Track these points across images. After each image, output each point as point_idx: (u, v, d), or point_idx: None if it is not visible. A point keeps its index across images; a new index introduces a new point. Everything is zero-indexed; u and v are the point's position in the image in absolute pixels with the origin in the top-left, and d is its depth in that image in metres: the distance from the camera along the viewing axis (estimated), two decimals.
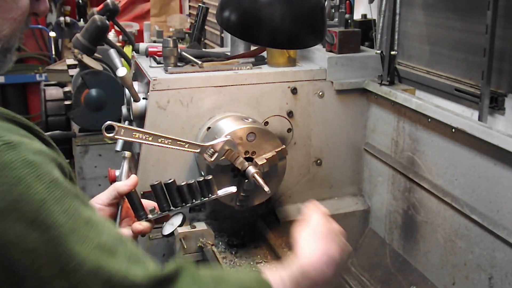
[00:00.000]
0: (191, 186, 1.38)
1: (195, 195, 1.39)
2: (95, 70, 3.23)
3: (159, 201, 1.37)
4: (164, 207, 1.37)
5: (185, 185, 1.38)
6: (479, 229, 1.66)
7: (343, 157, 2.24)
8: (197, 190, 1.39)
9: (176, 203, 1.37)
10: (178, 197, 1.37)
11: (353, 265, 2.27)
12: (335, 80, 2.14)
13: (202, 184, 1.40)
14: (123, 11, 5.66)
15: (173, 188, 1.37)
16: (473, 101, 2.00)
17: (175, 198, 1.37)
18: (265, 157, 1.85)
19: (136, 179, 1.35)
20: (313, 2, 1.83)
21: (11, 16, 0.91)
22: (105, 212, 1.33)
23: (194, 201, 1.39)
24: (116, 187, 1.33)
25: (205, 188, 1.40)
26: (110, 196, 1.33)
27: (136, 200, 1.35)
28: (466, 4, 2.06)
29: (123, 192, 1.33)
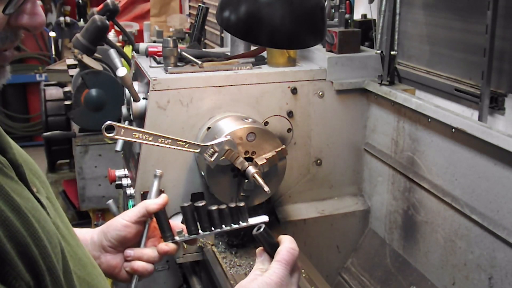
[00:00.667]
0: (222, 212, 1.33)
1: (226, 221, 1.33)
2: (95, 70, 3.23)
3: (188, 223, 1.33)
4: (192, 230, 1.32)
5: (216, 210, 1.32)
6: (479, 229, 1.66)
7: (343, 157, 2.25)
8: (227, 216, 1.33)
9: (205, 228, 1.32)
10: (208, 222, 1.32)
11: (353, 265, 2.27)
12: (335, 80, 2.14)
13: (233, 211, 1.34)
14: (123, 11, 5.66)
15: (204, 212, 1.32)
16: (473, 101, 2.01)
17: (205, 222, 1.32)
18: (265, 157, 1.85)
19: (167, 198, 1.32)
20: (313, 2, 1.83)
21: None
22: (131, 229, 1.31)
23: (224, 227, 1.33)
24: (146, 205, 1.30)
25: (236, 215, 1.34)
26: (139, 214, 1.31)
27: (164, 221, 1.32)
28: (466, 4, 2.06)
29: (152, 211, 1.30)
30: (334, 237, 2.27)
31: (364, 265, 2.23)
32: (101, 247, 1.31)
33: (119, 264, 1.32)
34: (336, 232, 2.26)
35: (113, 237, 1.31)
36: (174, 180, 2.03)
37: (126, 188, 2.21)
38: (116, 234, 1.31)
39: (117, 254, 1.32)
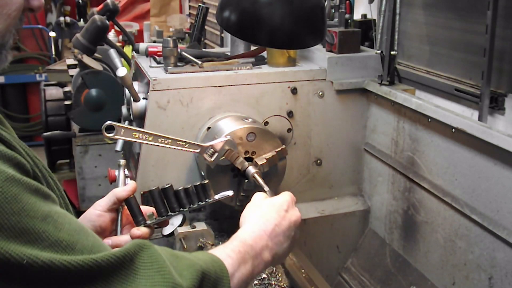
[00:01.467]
0: (187, 190, 1.38)
1: (192, 199, 1.39)
2: (95, 70, 3.23)
3: (157, 206, 1.37)
4: (162, 212, 1.37)
5: (182, 189, 1.38)
6: (479, 229, 1.66)
7: (343, 157, 2.25)
8: (194, 195, 1.39)
9: (174, 208, 1.38)
10: (176, 202, 1.38)
11: (353, 265, 2.27)
12: (335, 80, 2.14)
13: (199, 188, 1.40)
14: (123, 11, 5.66)
15: (170, 193, 1.37)
16: (473, 101, 2.00)
17: (173, 203, 1.37)
18: (265, 157, 1.85)
19: (135, 185, 1.36)
20: (313, 2, 1.83)
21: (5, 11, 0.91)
22: (105, 217, 1.34)
23: (192, 206, 1.39)
24: (115, 193, 1.34)
25: (202, 192, 1.40)
26: (110, 202, 1.34)
27: (135, 206, 1.35)
28: (466, 4, 2.06)
29: (121, 198, 1.33)
30: (334, 237, 2.27)
31: (364, 265, 2.23)
32: None
33: None
34: (336, 232, 2.26)
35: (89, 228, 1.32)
36: (174, 180, 2.02)
37: None
38: (91, 225, 1.33)
39: None
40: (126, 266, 0.89)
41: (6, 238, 0.78)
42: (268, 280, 1.83)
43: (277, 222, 1.25)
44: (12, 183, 0.81)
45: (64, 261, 0.82)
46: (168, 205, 1.37)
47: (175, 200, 1.38)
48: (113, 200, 1.34)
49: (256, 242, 1.19)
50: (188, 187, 1.39)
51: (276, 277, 1.85)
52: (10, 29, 0.94)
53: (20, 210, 0.80)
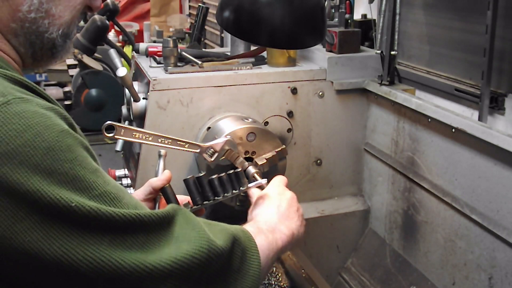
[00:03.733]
0: (221, 179, 1.40)
1: (226, 188, 1.41)
2: (95, 70, 3.23)
3: (192, 195, 1.40)
4: (197, 200, 1.39)
5: (216, 178, 1.40)
6: (479, 229, 1.66)
7: (343, 157, 2.25)
8: (228, 183, 1.41)
9: (208, 197, 1.40)
10: (210, 191, 1.40)
11: (353, 265, 2.27)
12: (335, 80, 2.14)
13: (233, 176, 1.42)
14: (123, 11, 5.66)
15: (205, 182, 1.39)
16: (473, 101, 2.00)
17: (207, 192, 1.39)
18: (265, 157, 1.85)
19: (169, 174, 1.39)
20: (313, 2, 1.83)
21: (72, 4, 1.01)
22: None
23: (225, 195, 1.41)
24: (151, 183, 1.37)
25: (236, 180, 1.42)
26: (146, 192, 1.37)
27: (171, 195, 1.37)
28: (466, 4, 2.06)
29: (157, 187, 1.36)
30: (334, 237, 2.27)
31: (364, 265, 2.23)
32: None
33: None
34: (336, 232, 2.26)
35: None
36: (174, 180, 2.01)
37: (126, 188, 2.21)
38: None
39: None
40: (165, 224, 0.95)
41: (58, 183, 0.81)
42: (268, 280, 1.83)
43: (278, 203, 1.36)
44: (67, 135, 0.86)
45: (109, 211, 0.86)
46: (203, 194, 1.40)
47: (209, 189, 1.40)
48: (149, 190, 1.37)
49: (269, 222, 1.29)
50: (222, 175, 1.40)
51: (276, 277, 1.85)
52: (74, 21, 1.04)
53: (73, 159, 0.85)
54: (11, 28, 0.97)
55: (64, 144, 0.84)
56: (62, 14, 1.00)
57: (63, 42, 1.03)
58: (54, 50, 1.04)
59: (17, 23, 0.97)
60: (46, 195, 0.80)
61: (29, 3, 0.96)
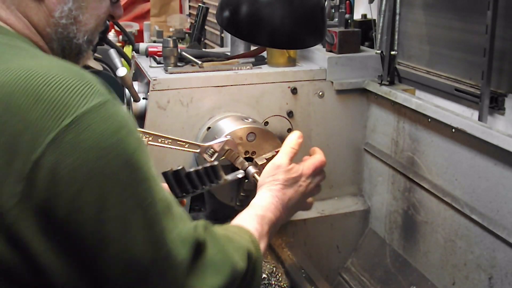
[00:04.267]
0: (199, 172, 1.41)
1: (204, 181, 1.42)
2: (95, 70, 3.23)
3: (172, 187, 1.40)
4: (177, 193, 1.39)
5: (193, 171, 1.40)
6: (479, 229, 1.66)
7: (343, 157, 2.24)
8: (205, 176, 1.42)
9: (188, 189, 1.40)
10: (189, 183, 1.40)
11: (353, 265, 2.27)
12: (335, 80, 2.14)
13: (209, 170, 1.42)
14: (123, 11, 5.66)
15: (182, 175, 1.40)
16: (473, 101, 2.00)
17: (186, 185, 1.40)
18: (265, 157, 1.85)
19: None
20: (313, 2, 1.83)
21: (96, 12, 1.09)
22: None
23: (204, 187, 1.42)
24: None
25: (212, 174, 1.43)
26: None
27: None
28: (466, 4, 2.06)
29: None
30: (334, 237, 2.27)
31: (364, 265, 2.23)
32: None
33: None
34: (336, 232, 2.26)
35: None
36: None
37: None
38: None
39: None
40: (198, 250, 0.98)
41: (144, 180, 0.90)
42: (268, 280, 1.83)
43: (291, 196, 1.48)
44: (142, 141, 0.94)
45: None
46: (181, 187, 1.40)
47: (188, 181, 1.40)
48: None
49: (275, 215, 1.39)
50: (198, 168, 1.41)
51: (276, 277, 1.85)
52: (98, 28, 1.12)
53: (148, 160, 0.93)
54: (47, 33, 1.05)
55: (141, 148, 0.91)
56: (88, 22, 1.07)
57: (87, 48, 1.10)
58: (80, 56, 1.11)
59: (51, 28, 1.04)
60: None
61: (60, 9, 1.03)
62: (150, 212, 0.89)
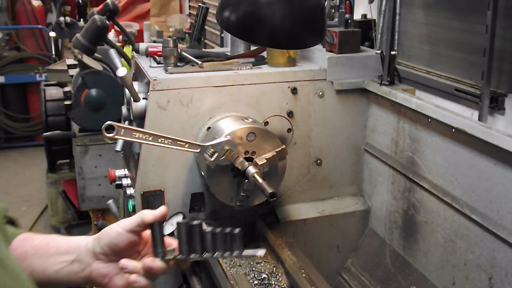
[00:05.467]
0: (215, 235, 1.25)
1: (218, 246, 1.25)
2: (95, 70, 3.23)
3: (180, 242, 1.25)
4: (183, 250, 1.25)
5: (210, 232, 1.25)
6: (479, 229, 1.66)
7: (343, 157, 2.25)
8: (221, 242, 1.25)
9: (196, 250, 1.25)
10: (200, 244, 1.25)
11: (353, 265, 2.27)
12: (335, 80, 2.14)
13: (228, 237, 1.25)
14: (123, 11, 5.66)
15: (196, 232, 1.24)
16: (473, 101, 2.01)
17: (196, 244, 1.24)
18: (265, 157, 1.85)
19: (166, 210, 1.26)
20: (313, 2, 1.83)
21: None
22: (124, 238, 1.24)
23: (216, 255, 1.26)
24: (143, 215, 1.24)
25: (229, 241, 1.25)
26: (134, 223, 1.24)
27: (158, 234, 1.25)
28: (466, 4, 2.06)
29: (148, 222, 1.23)
30: (334, 237, 2.27)
31: (364, 265, 2.23)
32: (94, 253, 1.26)
33: (110, 274, 1.26)
34: (336, 232, 2.26)
35: (106, 243, 1.25)
36: (174, 180, 2.03)
37: (126, 188, 2.21)
38: (109, 241, 1.25)
39: (109, 263, 1.26)
40: None
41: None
42: (268, 280, 1.83)
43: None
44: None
45: None
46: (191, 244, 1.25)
47: (199, 241, 1.25)
48: (138, 221, 1.24)
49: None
50: (217, 231, 1.25)
51: (276, 277, 1.85)
52: None
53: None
54: None
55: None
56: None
57: None
58: None
59: None
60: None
61: None
62: None
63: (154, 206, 2.02)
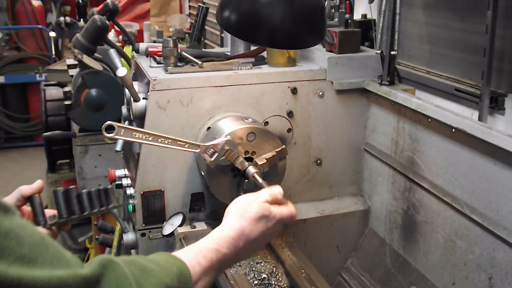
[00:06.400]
0: (90, 194, 1.37)
1: (94, 204, 1.37)
2: (95, 70, 3.23)
3: (59, 207, 1.36)
4: (63, 214, 1.35)
5: (85, 192, 1.37)
6: (479, 229, 1.66)
7: (343, 157, 2.25)
8: (96, 199, 1.37)
9: (74, 211, 1.36)
10: (77, 205, 1.36)
11: (353, 265, 2.27)
12: (335, 80, 2.14)
13: (102, 193, 1.39)
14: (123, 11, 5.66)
15: (72, 195, 1.36)
16: (473, 101, 2.00)
17: (74, 206, 1.36)
18: (265, 157, 1.85)
19: (41, 184, 1.36)
20: (313, 2, 1.83)
21: None
22: None
23: (92, 211, 1.37)
24: (20, 189, 1.34)
25: (104, 197, 1.39)
26: (14, 199, 1.34)
27: (37, 205, 1.34)
28: (466, 4, 2.06)
29: (25, 195, 1.33)
30: (334, 237, 2.27)
31: (364, 265, 2.23)
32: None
33: None
34: (336, 232, 2.27)
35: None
36: (174, 180, 2.03)
37: (126, 188, 2.21)
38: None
39: None
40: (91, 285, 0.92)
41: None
42: (268, 280, 1.83)
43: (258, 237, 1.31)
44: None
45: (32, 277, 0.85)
46: (69, 207, 1.36)
47: (77, 202, 1.36)
48: (17, 196, 1.35)
49: (231, 251, 1.25)
50: (91, 190, 1.37)
51: (276, 277, 1.85)
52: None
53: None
54: None
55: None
56: None
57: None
58: None
59: None
60: None
61: None
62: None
63: (154, 206, 2.02)
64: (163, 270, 1.07)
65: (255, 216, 1.32)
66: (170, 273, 1.08)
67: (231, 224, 1.30)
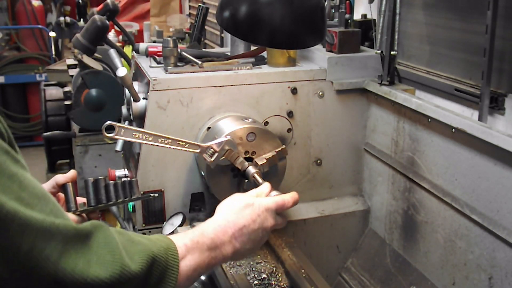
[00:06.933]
0: (116, 185, 1.47)
1: (119, 194, 1.46)
2: (95, 70, 3.23)
3: (88, 196, 1.45)
4: (91, 202, 1.45)
5: (112, 184, 1.46)
6: (479, 229, 1.66)
7: (343, 157, 2.25)
8: (121, 190, 1.47)
9: (101, 200, 1.45)
10: (104, 194, 1.46)
11: (353, 265, 2.27)
12: (335, 80, 2.14)
13: (126, 184, 1.48)
14: (123, 11, 5.67)
15: (101, 185, 1.46)
16: (473, 101, 2.00)
17: (101, 195, 1.45)
18: (265, 157, 1.85)
19: (75, 173, 1.47)
20: (313, 2, 1.83)
21: None
22: None
23: (117, 201, 1.46)
24: (56, 178, 1.46)
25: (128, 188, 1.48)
26: (50, 186, 1.46)
27: (70, 193, 1.44)
28: (466, 4, 2.06)
29: (59, 183, 1.45)
30: (334, 237, 2.27)
31: (364, 265, 2.23)
32: None
33: None
34: (336, 232, 2.27)
35: None
36: (174, 180, 2.03)
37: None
38: None
39: None
40: (81, 239, 0.98)
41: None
42: (268, 280, 1.83)
43: (246, 223, 1.34)
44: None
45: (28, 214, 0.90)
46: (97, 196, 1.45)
47: (104, 192, 1.46)
48: (52, 184, 1.45)
49: (218, 236, 1.29)
50: (117, 182, 1.47)
51: (276, 277, 1.85)
52: None
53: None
54: None
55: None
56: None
57: None
58: None
59: None
60: None
61: None
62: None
63: (154, 206, 2.03)
64: (150, 242, 1.13)
65: (238, 205, 1.38)
66: (157, 245, 1.13)
67: (215, 216, 1.38)
